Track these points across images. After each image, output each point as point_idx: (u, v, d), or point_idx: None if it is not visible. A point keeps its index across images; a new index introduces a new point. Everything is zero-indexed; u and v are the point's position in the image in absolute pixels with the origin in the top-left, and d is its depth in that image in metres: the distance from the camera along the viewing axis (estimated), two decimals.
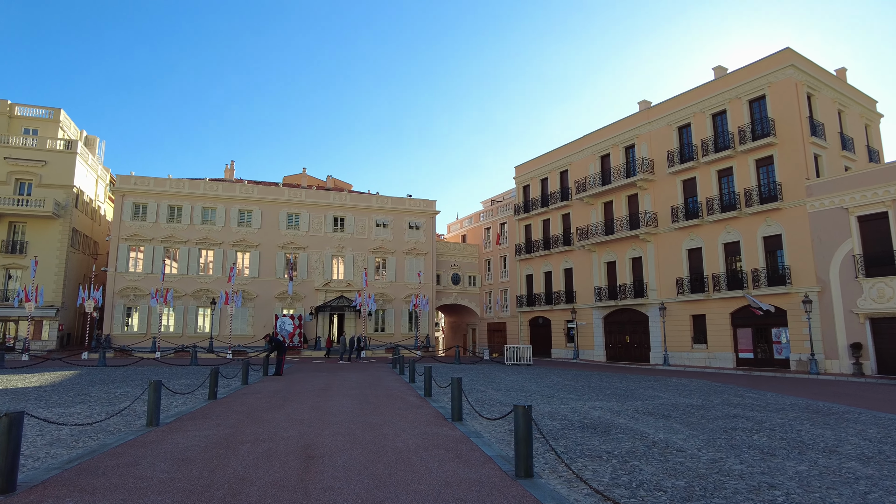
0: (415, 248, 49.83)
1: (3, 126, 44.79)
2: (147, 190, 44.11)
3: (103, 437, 9.38)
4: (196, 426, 10.28)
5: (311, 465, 7.33)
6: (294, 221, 47.45)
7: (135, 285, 42.65)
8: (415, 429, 10.13)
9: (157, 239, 43.65)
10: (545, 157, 47.37)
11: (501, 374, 25.27)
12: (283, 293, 45.28)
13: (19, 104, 46.15)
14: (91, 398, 14.72)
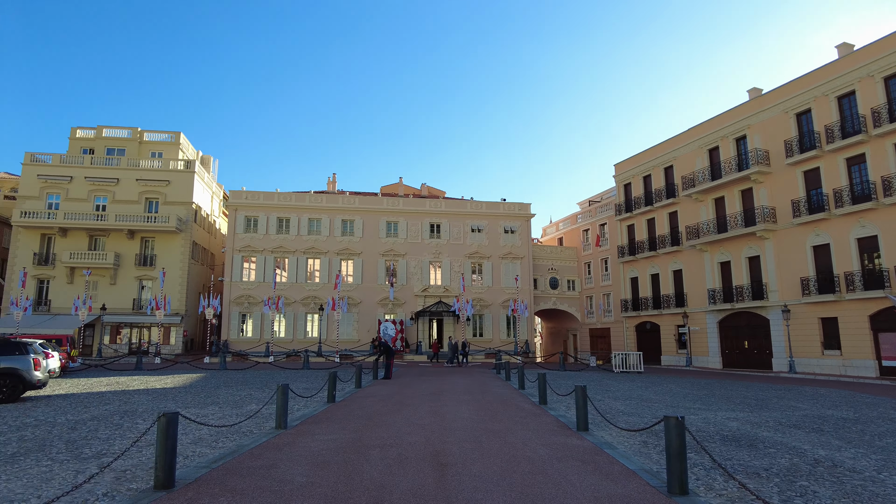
0: (510, 252, 49.29)
1: (135, 151, 49.34)
2: (257, 204, 46.84)
3: (239, 437, 9.74)
4: (322, 430, 10.45)
5: (445, 473, 7.12)
6: (393, 229, 48.49)
7: (248, 294, 45.35)
8: (541, 438, 9.70)
9: (268, 249, 46.18)
10: (647, 153, 45.25)
11: (613, 382, 24.18)
12: (384, 299, 46.35)
13: (147, 130, 50.67)
14: (220, 400, 15.54)
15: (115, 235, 45.18)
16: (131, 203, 45.76)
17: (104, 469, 6.41)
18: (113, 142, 49.62)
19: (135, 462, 7.81)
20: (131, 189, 45.95)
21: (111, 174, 46.05)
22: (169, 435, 6.34)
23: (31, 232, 44.41)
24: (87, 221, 44.21)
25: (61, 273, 44.18)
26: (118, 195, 45.81)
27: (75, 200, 45.26)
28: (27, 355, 15.14)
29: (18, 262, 43.75)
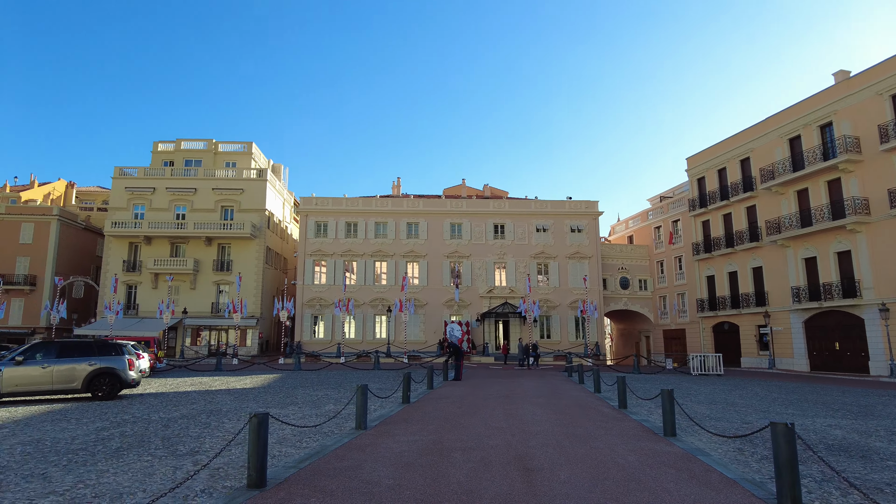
0: (578, 251, 48.28)
1: (210, 161, 51.79)
2: (326, 209, 48.11)
3: (321, 438, 9.89)
4: (401, 431, 10.46)
5: (532, 478, 6.91)
6: (457, 231, 48.56)
7: (320, 296, 46.60)
8: (627, 443, 9.31)
9: (337, 253, 47.33)
10: (721, 145, 43.19)
11: (693, 385, 23.13)
12: (450, 300, 46.47)
13: (221, 142, 53.09)
14: (299, 400, 15.93)
15: (194, 242, 47.54)
16: (208, 211, 48.05)
17: (204, 467, 6.60)
18: (191, 153, 52.30)
19: (226, 460, 8.05)
20: (208, 198, 48.25)
21: (189, 184, 48.55)
22: (260, 435, 6.47)
23: (121, 241, 47.44)
24: (169, 230, 46.81)
25: (147, 279, 46.93)
26: (196, 204, 48.22)
27: (158, 210, 48.00)
28: (123, 356, 16.07)
29: (110, 269, 46.81)
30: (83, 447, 8.94)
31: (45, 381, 15.23)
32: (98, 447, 8.92)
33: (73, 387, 15.48)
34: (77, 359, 15.60)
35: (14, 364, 14.98)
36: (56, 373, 15.28)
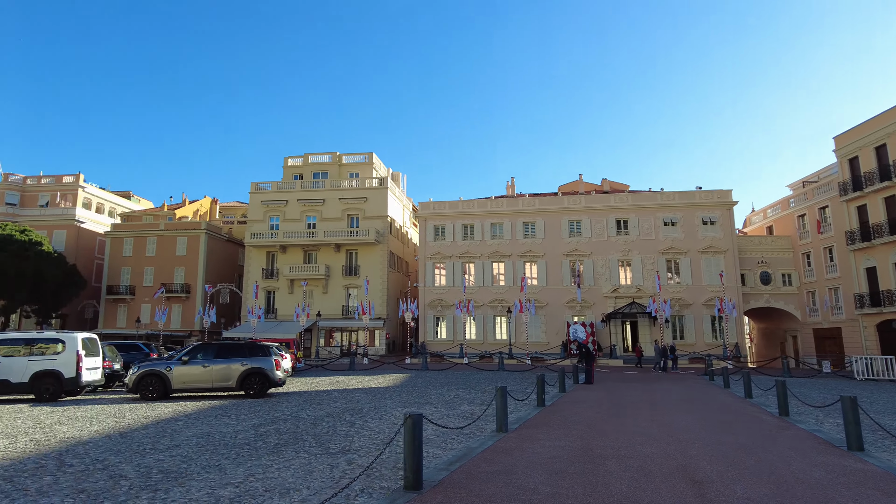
0: (711, 245, 44.91)
1: (336, 173, 54.68)
2: (444, 213, 48.86)
3: (464, 439, 9.82)
4: (544, 435, 10.13)
5: (704, 492, 6.28)
6: (576, 228, 47.19)
7: (440, 298, 47.41)
8: (805, 457, 8.27)
9: (455, 255, 47.89)
10: (879, 119, 38.09)
11: (864, 392, 20.48)
12: (571, 301, 45.24)
13: (345, 154, 55.86)
14: (433, 400, 16.11)
15: (325, 249, 50.38)
16: (336, 220, 50.72)
17: (366, 470, 6.70)
18: (317, 167, 55.54)
19: (377, 459, 8.19)
20: (335, 207, 50.95)
21: (318, 195, 51.56)
22: (415, 436, 6.45)
23: (259, 250, 51.45)
24: (301, 238, 50.00)
25: (283, 285, 50.45)
26: (325, 213, 51.09)
27: (291, 221, 51.46)
28: (270, 357, 17.22)
29: (251, 276, 50.92)
30: (246, 442, 9.56)
31: (206, 379, 16.72)
32: (259, 443, 9.50)
33: (228, 385, 16.84)
34: (231, 359, 16.96)
35: (181, 364, 16.60)
36: (215, 372, 16.71)
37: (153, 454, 8.46)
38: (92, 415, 13.19)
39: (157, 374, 16.41)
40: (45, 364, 16.16)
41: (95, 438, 9.91)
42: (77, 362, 16.39)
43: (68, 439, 9.83)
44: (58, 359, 16.31)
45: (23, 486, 6.68)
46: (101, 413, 13.50)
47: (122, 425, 11.47)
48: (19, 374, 15.99)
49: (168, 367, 16.54)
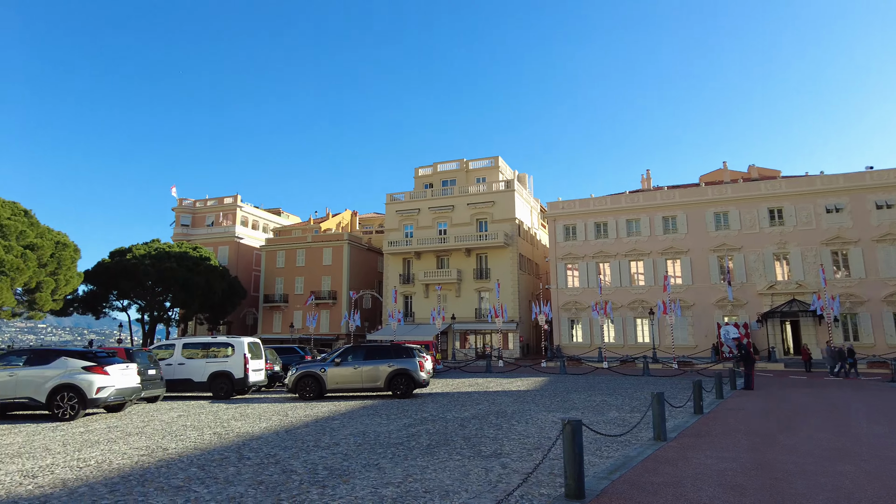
0: (889, 232, 39.13)
1: (463, 179, 55.57)
2: (574, 212, 47.59)
3: (619, 447, 9.30)
4: (708, 445, 9.29)
5: None
6: (722, 221, 43.57)
7: (575, 300, 46.16)
8: None
9: (589, 255, 46.39)
10: None
11: None
12: (721, 300, 41.80)
13: (471, 160, 56.60)
14: (578, 405, 15.58)
15: (456, 254, 51.32)
16: (465, 225, 51.49)
17: (527, 476, 6.53)
18: (445, 174, 56.84)
19: (531, 465, 7.98)
20: (464, 213, 51.74)
21: (447, 202, 52.70)
22: (576, 443, 6.16)
23: (396, 258, 53.67)
24: (434, 245, 51.41)
25: (419, 289, 52.13)
26: (455, 219, 52.08)
27: (424, 228, 53.09)
28: (414, 358, 17.73)
29: (390, 282, 53.25)
30: (399, 441, 9.83)
31: (356, 380, 17.60)
32: (411, 443, 9.72)
33: (377, 385, 17.59)
34: (379, 361, 17.70)
35: (334, 365, 17.64)
36: (364, 373, 17.55)
37: (316, 451, 8.97)
38: (259, 412, 14.42)
39: (313, 375, 17.58)
40: (219, 366, 18.02)
41: (265, 434, 10.77)
42: (244, 364, 18.07)
43: (243, 434, 10.78)
44: (229, 361, 18.11)
45: (213, 474, 7.37)
46: (267, 411, 14.71)
47: (287, 423, 12.37)
48: (200, 374, 17.99)
49: (322, 368, 17.66)
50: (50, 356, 13.27)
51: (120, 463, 8.08)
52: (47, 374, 12.84)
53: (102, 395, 12.89)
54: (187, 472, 7.51)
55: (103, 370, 13.00)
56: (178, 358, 18.25)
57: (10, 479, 7.20)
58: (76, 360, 13.07)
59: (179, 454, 8.74)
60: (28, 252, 34.84)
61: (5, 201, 36.83)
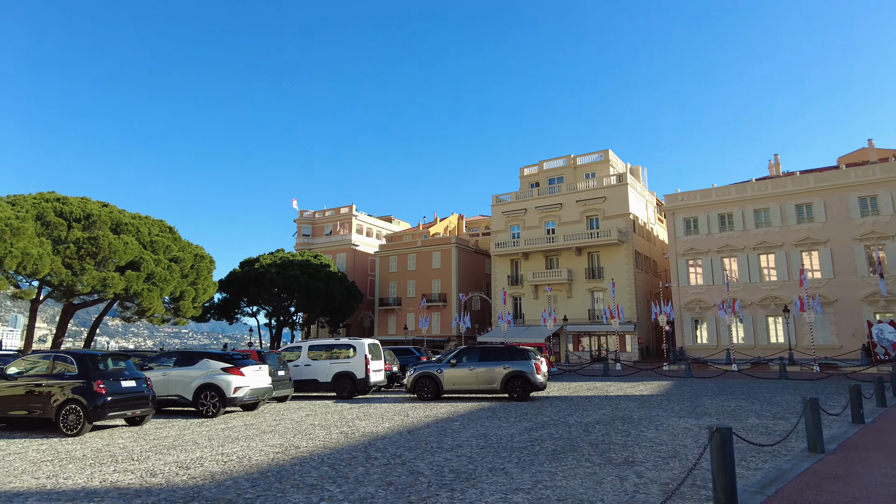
0: None
1: (571, 176, 54.14)
2: (694, 204, 44.67)
3: (768, 458, 8.38)
4: (880, 460, 8.11)
5: None
6: (868, 206, 38.84)
7: (698, 298, 43.28)
8: None
9: (712, 250, 43.31)
10: None
11: None
12: (871, 295, 37.25)
13: (578, 155, 55.01)
14: (710, 410, 14.42)
15: (566, 253, 50.06)
16: (575, 223, 50.09)
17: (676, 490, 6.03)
18: (552, 172, 55.68)
19: (669, 475, 7.38)
20: (573, 210, 50.35)
21: (555, 201, 51.58)
22: (726, 453, 5.56)
23: (503, 259, 53.40)
24: (542, 245, 50.52)
25: (528, 290, 51.46)
26: (563, 218, 50.84)
27: (531, 228, 52.35)
28: (530, 361, 17.37)
29: (498, 284, 53.09)
30: (523, 445, 9.56)
31: (472, 381, 17.55)
32: (536, 447, 9.41)
33: (493, 387, 17.41)
34: (494, 363, 17.52)
35: (450, 366, 17.72)
36: (480, 374, 17.45)
37: (441, 453, 8.94)
38: (381, 412, 14.76)
39: (431, 376, 17.78)
40: (342, 367, 18.77)
41: (389, 434, 10.94)
42: (365, 365, 18.67)
43: (368, 434, 11.03)
44: (351, 362, 18.80)
45: (343, 473, 7.55)
46: (389, 411, 15.03)
47: (408, 423, 12.52)
48: (325, 375, 18.84)
49: (439, 369, 17.81)
50: (194, 358, 14.48)
51: (258, 459, 8.53)
52: (193, 374, 14.01)
53: (239, 394, 13.83)
54: (319, 470, 7.75)
55: (239, 371, 13.95)
56: (304, 359, 19.25)
57: (168, 469, 7.84)
58: (217, 361, 14.14)
59: (311, 452, 9.08)
60: (173, 264, 38.62)
61: (154, 220, 41.14)
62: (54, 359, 11.72)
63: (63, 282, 33.69)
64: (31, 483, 7.14)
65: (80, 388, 11.02)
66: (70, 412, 10.88)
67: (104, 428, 12.05)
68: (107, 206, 38.90)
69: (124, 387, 11.65)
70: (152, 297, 36.48)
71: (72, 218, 35.35)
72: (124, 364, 12.40)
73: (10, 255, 29.87)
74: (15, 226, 30.69)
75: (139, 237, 37.45)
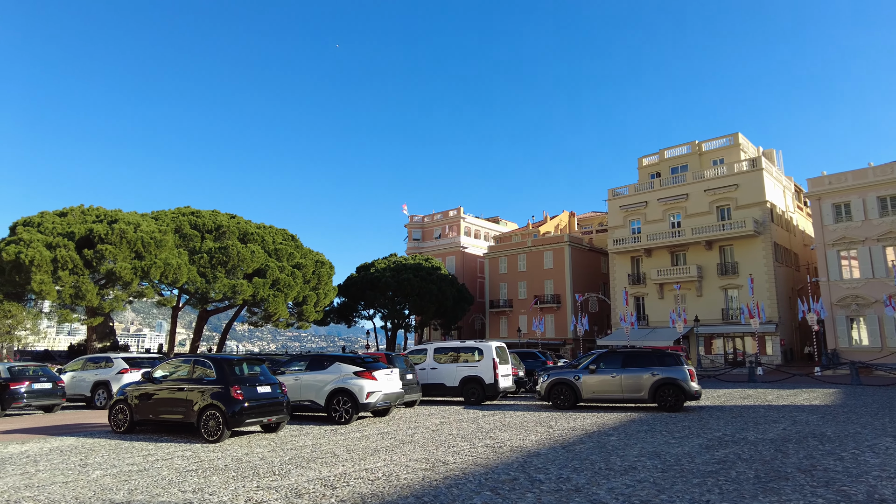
0: None
1: (696, 163, 49.97)
2: (845, 187, 39.38)
3: None
4: None
5: None
6: None
7: (854, 293, 38.02)
8: None
9: (871, 238, 37.86)
10: None
11: None
12: None
13: (704, 141, 50.69)
14: None
15: (694, 248, 46.16)
16: (703, 215, 46.06)
17: None
18: (674, 161, 51.76)
19: None
20: (701, 201, 46.33)
21: (679, 191, 47.78)
22: None
23: (623, 256, 50.33)
24: (666, 239, 46.95)
25: (652, 289, 48.05)
26: (689, 209, 46.95)
27: (653, 222, 48.90)
28: (682, 366, 15.37)
29: (617, 283, 50.12)
30: (712, 470, 7.89)
31: (614, 389, 15.83)
32: (730, 472, 7.71)
33: (638, 396, 15.59)
34: (640, 369, 15.70)
35: (588, 372, 16.12)
36: (623, 381, 15.68)
37: (615, 477, 7.52)
38: (520, 421, 13.52)
39: (567, 382, 16.28)
40: (470, 371, 17.78)
41: (542, 450, 9.66)
42: (494, 369, 17.54)
43: (517, 448, 9.82)
44: (479, 366, 17.75)
45: (511, 500, 6.36)
46: (528, 420, 13.75)
47: (557, 436, 11.17)
48: (451, 379, 17.95)
49: (576, 375, 16.27)
50: (325, 361, 14.08)
51: (407, 478, 7.59)
52: (325, 378, 13.59)
53: (371, 399, 13.19)
54: (481, 496, 6.62)
55: (372, 375, 13.32)
56: (430, 363, 18.50)
57: (313, 487, 7.08)
58: (348, 365, 13.62)
59: (463, 471, 8.01)
60: (296, 271, 39.99)
61: (277, 229, 42.97)
62: (194, 363, 11.67)
63: (198, 289, 35.84)
64: (178, 497, 6.66)
65: (219, 394, 10.80)
66: (210, 418, 10.69)
67: (241, 434, 11.83)
68: (234, 217, 41.11)
69: (260, 392, 11.33)
70: (278, 303, 37.90)
71: (204, 230, 37.60)
72: (259, 369, 12.15)
73: (154, 266, 32.14)
74: (158, 239, 33.02)
75: (264, 246, 39.13)
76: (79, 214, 34.26)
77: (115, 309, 33.63)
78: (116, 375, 19.46)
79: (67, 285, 30.20)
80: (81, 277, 30.73)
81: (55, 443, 10.90)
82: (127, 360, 20.35)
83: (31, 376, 17.63)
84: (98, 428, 13.26)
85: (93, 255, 30.80)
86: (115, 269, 30.83)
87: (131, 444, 10.48)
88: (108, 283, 32.55)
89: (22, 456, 9.52)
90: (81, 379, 20.30)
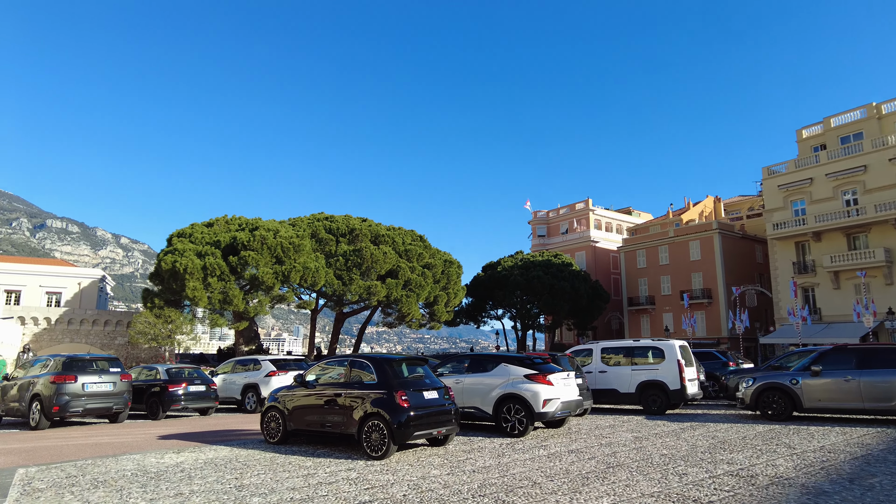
0: None
1: (875, 129, 42.60)
2: None
3: None
4: None
5: None
6: None
7: None
8: None
9: None
10: None
11: None
12: None
13: (883, 102, 43.17)
14: None
15: (878, 229, 39.18)
16: (888, 188, 38.95)
17: None
18: (844, 129, 44.65)
19: None
20: (883, 172, 39.24)
21: (854, 163, 40.88)
22: None
23: (784, 242, 44.12)
24: (840, 220, 40.40)
25: (823, 279, 41.56)
26: (869, 183, 39.98)
27: (820, 202, 42.33)
28: None
29: (779, 273, 44.01)
30: None
31: (850, 397, 12.39)
32: None
33: (889, 407, 12.04)
34: (887, 371, 12.14)
35: (812, 375, 12.81)
36: (864, 387, 12.20)
37: None
38: (737, 437, 10.68)
39: (782, 388, 13.08)
40: (649, 374, 15.08)
41: (821, 484, 6.94)
42: (679, 373, 14.71)
43: (776, 478, 7.17)
44: (659, 369, 15.01)
45: None
46: (746, 436, 10.86)
47: (814, 461, 8.31)
48: (626, 384, 15.36)
49: (794, 379, 13.02)
50: (489, 362, 12.19)
51: None
52: (492, 382, 11.69)
53: (549, 408, 11.05)
54: None
55: (547, 380, 11.19)
56: (597, 365, 16.03)
57: None
58: (516, 366, 11.62)
59: None
60: (426, 271, 39.11)
61: (406, 230, 42.47)
62: (351, 364, 10.24)
63: (335, 292, 36.00)
64: None
65: (381, 400, 9.23)
66: (373, 429, 9.12)
67: (407, 447, 10.20)
68: (366, 220, 41.14)
69: (427, 399, 9.62)
70: (410, 303, 37.17)
71: (338, 233, 37.82)
72: (422, 371, 10.48)
73: (294, 270, 32.56)
74: (297, 244, 33.48)
75: (395, 247, 38.64)
76: (223, 224, 35.77)
77: (258, 313, 34.64)
78: (265, 378, 19.13)
79: (216, 291, 31.36)
80: (228, 283, 31.82)
81: (210, 453, 9.95)
82: (274, 363, 20.06)
83: (187, 378, 17.68)
84: (250, 436, 12.39)
85: (237, 262, 31.78)
86: (258, 275, 31.57)
87: (287, 460, 9.20)
88: (252, 288, 33.53)
89: (177, 469, 8.53)
90: (232, 382, 20.28)
